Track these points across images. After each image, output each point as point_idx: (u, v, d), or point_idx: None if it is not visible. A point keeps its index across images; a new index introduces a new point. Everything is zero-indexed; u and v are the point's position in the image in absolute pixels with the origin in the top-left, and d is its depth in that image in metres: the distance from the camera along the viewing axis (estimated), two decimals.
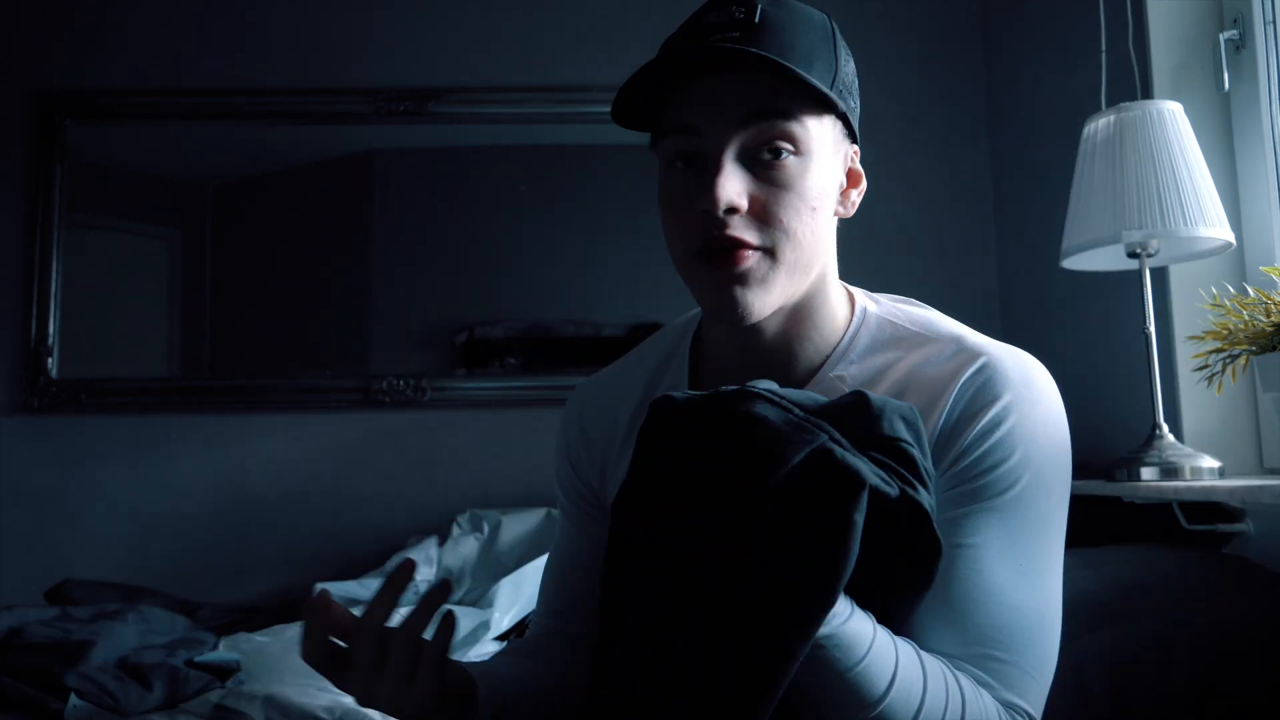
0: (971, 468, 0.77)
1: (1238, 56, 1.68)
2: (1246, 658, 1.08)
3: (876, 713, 0.69)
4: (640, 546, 0.69)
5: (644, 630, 0.68)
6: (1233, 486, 1.31)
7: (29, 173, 2.45)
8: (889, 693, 0.69)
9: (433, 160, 2.55)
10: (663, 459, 0.69)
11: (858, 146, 0.86)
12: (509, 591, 1.68)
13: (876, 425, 0.69)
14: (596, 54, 2.55)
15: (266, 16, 2.54)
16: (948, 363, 0.81)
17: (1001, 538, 0.76)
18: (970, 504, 0.77)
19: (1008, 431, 0.77)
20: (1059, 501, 0.80)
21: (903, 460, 0.69)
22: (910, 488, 0.68)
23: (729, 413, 0.67)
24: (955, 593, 0.75)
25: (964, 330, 0.86)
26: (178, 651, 1.62)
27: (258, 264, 2.54)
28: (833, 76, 0.78)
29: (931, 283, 2.45)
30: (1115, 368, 1.89)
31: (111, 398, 2.41)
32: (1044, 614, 0.78)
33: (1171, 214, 1.46)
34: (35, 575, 2.18)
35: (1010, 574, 0.76)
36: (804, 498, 0.64)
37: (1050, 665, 0.79)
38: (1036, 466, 0.78)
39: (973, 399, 0.78)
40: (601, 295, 2.52)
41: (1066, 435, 0.82)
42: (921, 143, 2.54)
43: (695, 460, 0.67)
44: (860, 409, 0.70)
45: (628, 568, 0.69)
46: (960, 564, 0.76)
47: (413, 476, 2.42)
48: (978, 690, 0.74)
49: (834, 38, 0.80)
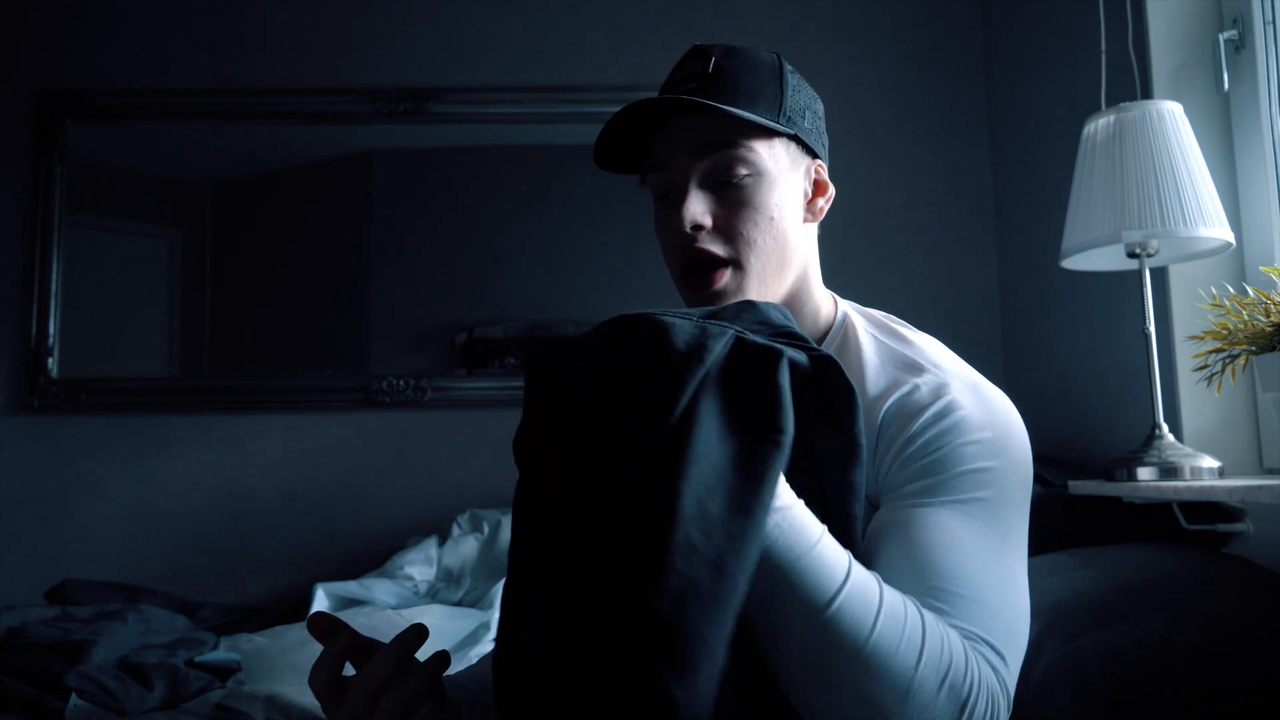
0: (922, 450, 0.81)
1: (1237, 56, 1.68)
2: (1246, 658, 1.08)
3: (832, 610, 0.68)
4: (564, 476, 0.71)
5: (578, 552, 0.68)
6: (1232, 486, 1.31)
7: (29, 173, 2.45)
8: (843, 588, 0.68)
9: (433, 160, 2.55)
10: (560, 388, 0.73)
11: (822, 161, 0.96)
12: None
13: (767, 318, 0.79)
14: (596, 54, 2.55)
15: (266, 17, 2.54)
16: (904, 371, 0.88)
17: (968, 506, 0.79)
18: (930, 478, 0.80)
19: (960, 419, 0.82)
20: (1021, 494, 0.83)
21: (797, 339, 0.78)
22: (814, 351, 0.76)
23: (629, 328, 0.72)
24: (915, 536, 0.77)
25: (940, 352, 0.92)
26: (178, 651, 1.63)
27: (258, 264, 2.54)
28: (779, 106, 0.91)
29: (931, 283, 2.45)
30: (1115, 368, 1.89)
31: (111, 398, 2.41)
32: (1011, 576, 0.79)
33: (1171, 214, 1.46)
34: (35, 575, 2.19)
35: (975, 535, 0.77)
36: (737, 377, 0.70)
37: (1019, 624, 0.78)
38: (996, 452, 0.82)
39: (916, 398, 0.84)
40: (601, 295, 2.52)
41: (1024, 435, 0.87)
42: (921, 143, 2.54)
43: (608, 380, 0.71)
44: (747, 309, 0.80)
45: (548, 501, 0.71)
46: (921, 516, 0.78)
47: (413, 476, 2.42)
48: (938, 619, 0.72)
49: (780, 74, 0.93)
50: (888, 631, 0.68)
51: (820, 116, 0.97)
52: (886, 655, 0.68)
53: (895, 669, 0.68)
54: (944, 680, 0.69)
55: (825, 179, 0.96)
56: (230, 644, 1.68)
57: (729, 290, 0.89)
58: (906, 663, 0.68)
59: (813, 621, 0.68)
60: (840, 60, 2.49)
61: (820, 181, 0.96)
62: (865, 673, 0.68)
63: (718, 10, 2.54)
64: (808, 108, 0.94)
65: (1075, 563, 1.38)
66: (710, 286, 0.89)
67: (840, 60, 2.49)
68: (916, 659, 0.68)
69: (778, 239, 0.90)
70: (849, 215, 1.05)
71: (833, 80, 1.02)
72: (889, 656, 0.68)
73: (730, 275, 0.89)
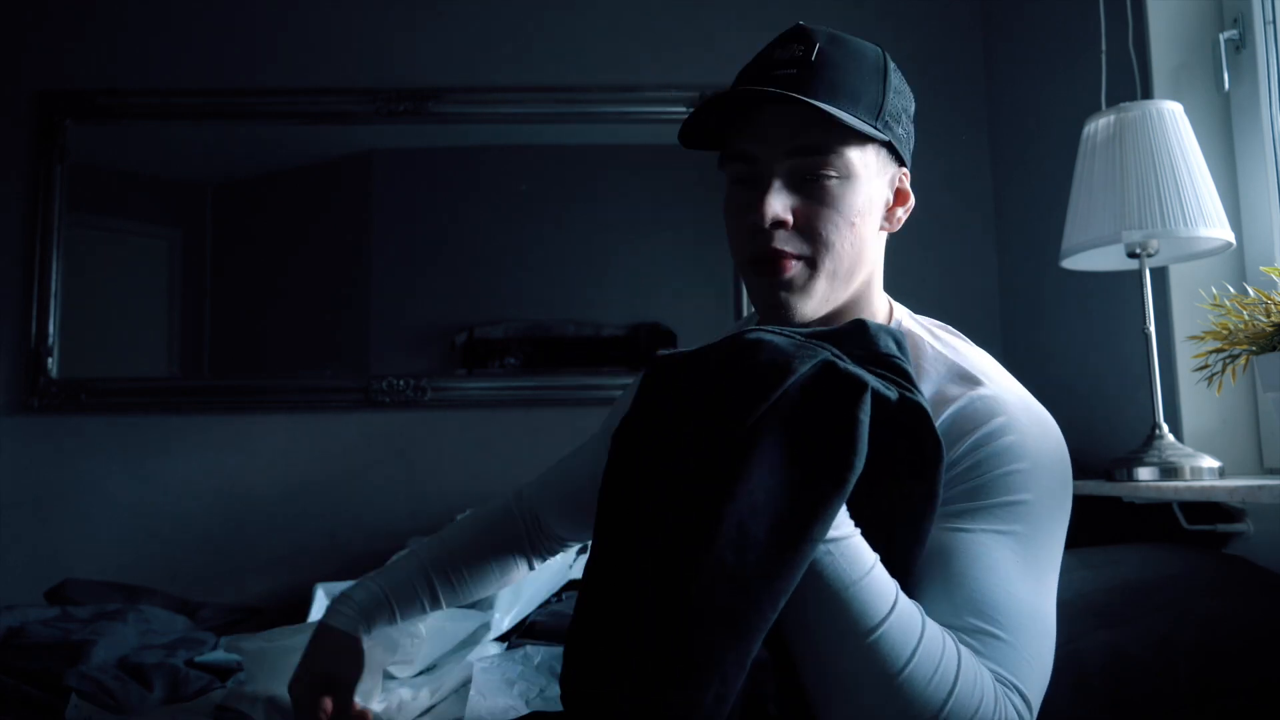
0: (968, 473, 0.80)
1: (1238, 56, 1.68)
2: (1246, 658, 1.08)
3: (873, 639, 0.69)
4: (641, 470, 0.72)
5: (643, 547, 0.69)
6: (1232, 486, 1.31)
7: (29, 173, 2.45)
8: (887, 619, 0.69)
9: (433, 160, 2.55)
10: (665, 392, 0.74)
11: (907, 169, 0.94)
12: (509, 592, 1.68)
13: (872, 344, 0.78)
14: (596, 54, 2.55)
15: (266, 16, 2.54)
16: (956, 384, 0.86)
17: (1005, 537, 0.78)
18: (971, 502, 0.79)
19: (1007, 446, 0.81)
20: (1058, 526, 0.83)
21: (898, 372, 0.76)
22: (907, 391, 0.74)
23: (734, 342, 0.73)
24: (955, 567, 0.76)
25: (987, 363, 0.90)
26: (178, 651, 1.63)
27: (258, 264, 2.54)
28: (879, 109, 0.87)
29: (931, 283, 2.45)
30: (1115, 368, 1.89)
31: (111, 398, 2.41)
32: (1041, 609, 0.79)
33: (1171, 214, 1.46)
34: (35, 575, 2.19)
35: (1011, 565, 0.77)
36: (812, 403, 0.69)
37: (1046, 663, 0.79)
38: (1038, 482, 0.80)
39: (969, 416, 0.83)
40: (601, 295, 2.52)
41: (1068, 468, 0.86)
42: (921, 143, 2.52)
43: (699, 388, 0.71)
44: (856, 332, 0.79)
45: (625, 492, 0.73)
46: (962, 544, 0.77)
47: (413, 476, 2.42)
48: (974, 658, 0.73)
49: (885, 71, 0.89)
50: (924, 664, 0.69)
51: (913, 120, 0.94)
52: (919, 686, 0.69)
53: (925, 701, 0.69)
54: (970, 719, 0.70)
55: (907, 188, 0.94)
56: (230, 644, 1.68)
57: (797, 281, 0.86)
58: (937, 696, 0.69)
59: (853, 647, 0.69)
60: None
61: (902, 190, 0.93)
62: (895, 701, 0.69)
63: (718, 10, 2.54)
64: (904, 111, 0.92)
65: (1075, 563, 1.38)
66: (781, 274, 0.86)
67: None
68: (948, 694, 0.69)
69: (855, 244, 0.87)
70: None
71: None
72: (921, 688, 0.69)
73: (800, 269, 0.87)
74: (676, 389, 0.73)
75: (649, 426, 0.73)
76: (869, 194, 0.88)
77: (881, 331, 0.79)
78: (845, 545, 0.70)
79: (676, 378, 0.74)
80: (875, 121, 0.86)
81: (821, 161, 0.85)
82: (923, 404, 0.74)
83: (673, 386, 0.73)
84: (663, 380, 0.74)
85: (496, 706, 1.26)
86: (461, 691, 1.35)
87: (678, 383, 0.73)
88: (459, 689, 1.37)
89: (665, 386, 0.74)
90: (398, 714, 1.25)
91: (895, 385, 0.74)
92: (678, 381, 0.73)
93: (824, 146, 0.85)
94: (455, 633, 1.51)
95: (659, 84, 2.53)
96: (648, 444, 0.73)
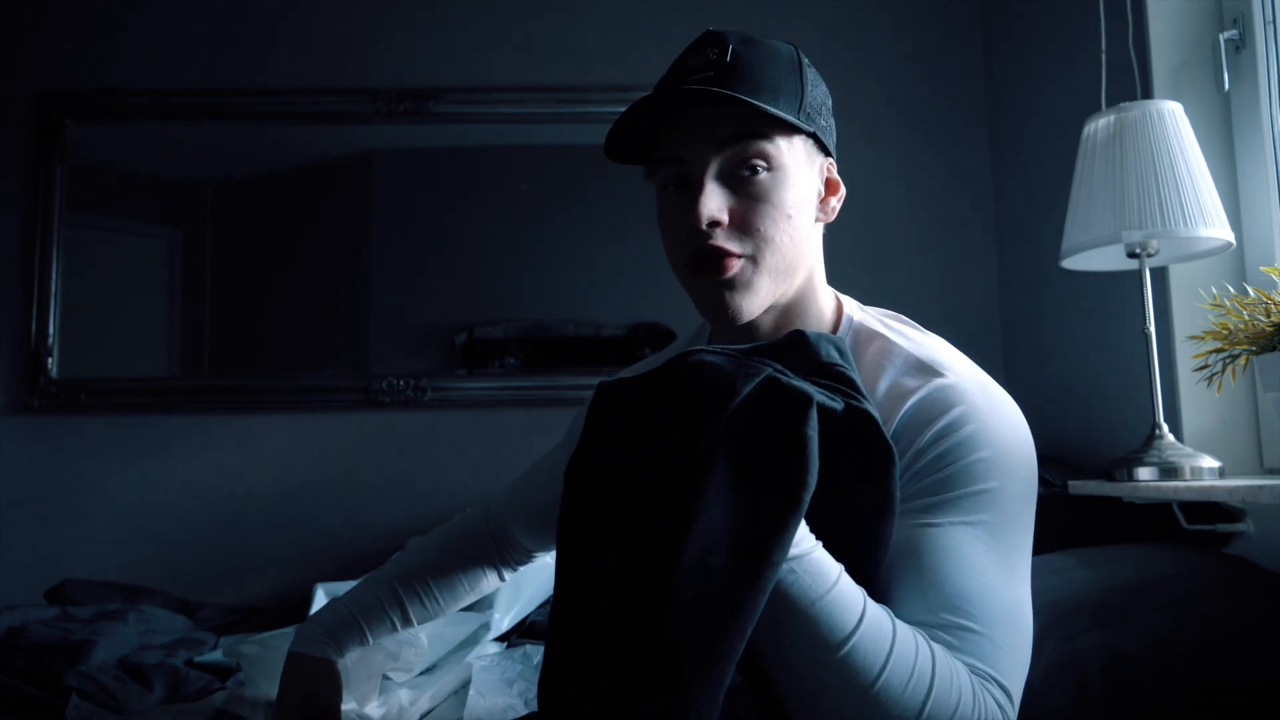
0: (932, 465, 0.80)
1: (1238, 56, 1.68)
2: (1246, 658, 1.08)
3: (845, 651, 0.68)
4: (596, 502, 0.71)
5: (603, 580, 0.68)
6: (1232, 486, 1.31)
7: (29, 173, 2.45)
8: (858, 629, 0.69)
9: (433, 160, 2.55)
10: (613, 421, 0.73)
11: (833, 159, 0.94)
12: (509, 592, 1.68)
13: (814, 354, 0.77)
14: (596, 54, 2.55)
15: (266, 16, 2.54)
16: (913, 375, 0.85)
17: (974, 527, 0.78)
18: (937, 495, 0.79)
19: (969, 435, 0.81)
20: (1026, 511, 0.83)
21: (842, 380, 0.76)
22: (853, 400, 0.74)
23: (676, 366, 0.72)
24: (926, 562, 0.76)
25: (944, 350, 0.90)
26: (178, 651, 1.63)
27: (258, 264, 2.54)
28: (799, 102, 0.87)
29: (931, 283, 2.45)
30: (1115, 368, 1.89)
31: (111, 398, 2.41)
32: (1015, 597, 0.79)
33: (1171, 214, 1.46)
34: (35, 575, 2.19)
35: (982, 555, 0.77)
36: (759, 423, 0.68)
37: (1024, 652, 0.78)
38: (1002, 469, 0.80)
39: (928, 407, 0.82)
40: (601, 295, 2.52)
41: (1031, 451, 0.86)
42: (921, 143, 2.54)
43: (647, 415, 0.71)
44: (797, 343, 0.78)
45: (582, 525, 0.72)
46: (931, 538, 0.77)
47: (413, 476, 2.42)
48: (948, 654, 0.73)
49: (800, 67, 0.90)
50: (898, 669, 0.69)
51: (832, 113, 0.94)
52: (896, 692, 0.69)
53: (903, 705, 0.69)
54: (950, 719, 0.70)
55: (836, 177, 0.94)
56: (230, 645, 1.68)
57: (740, 279, 0.85)
58: (915, 699, 0.69)
59: (826, 660, 0.69)
60: (840, 60, 2.49)
61: (831, 180, 0.93)
62: (874, 709, 0.69)
63: (717, 11, 2.54)
64: (824, 104, 0.92)
65: (1075, 563, 1.38)
66: (723, 273, 0.85)
67: (840, 60, 2.49)
68: (925, 696, 0.69)
69: (793, 238, 0.87)
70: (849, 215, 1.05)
71: (833, 80, 1.01)
72: (897, 694, 0.69)
73: (742, 266, 0.86)
74: (622, 419, 0.72)
75: (598, 460, 0.72)
76: (801, 185, 0.88)
77: (822, 340, 0.79)
78: (808, 561, 0.69)
79: (621, 407, 0.73)
80: (798, 113, 0.86)
81: (752, 150, 0.85)
82: (870, 411, 0.73)
83: (619, 416, 0.72)
84: (608, 410, 0.73)
85: (496, 706, 1.26)
86: (461, 693, 1.35)
87: (623, 413, 0.72)
88: (458, 690, 1.37)
89: (611, 417, 0.73)
90: (397, 718, 1.25)
91: (841, 394, 0.73)
92: (623, 411, 0.72)
93: (754, 134, 0.85)
94: (455, 633, 1.51)
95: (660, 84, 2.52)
96: (599, 479, 0.71)
